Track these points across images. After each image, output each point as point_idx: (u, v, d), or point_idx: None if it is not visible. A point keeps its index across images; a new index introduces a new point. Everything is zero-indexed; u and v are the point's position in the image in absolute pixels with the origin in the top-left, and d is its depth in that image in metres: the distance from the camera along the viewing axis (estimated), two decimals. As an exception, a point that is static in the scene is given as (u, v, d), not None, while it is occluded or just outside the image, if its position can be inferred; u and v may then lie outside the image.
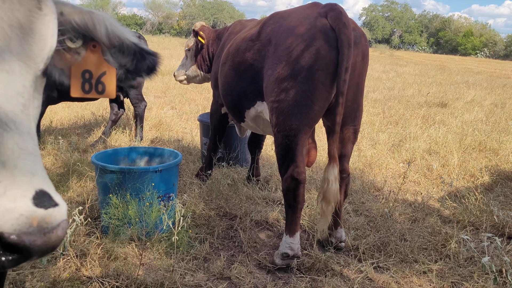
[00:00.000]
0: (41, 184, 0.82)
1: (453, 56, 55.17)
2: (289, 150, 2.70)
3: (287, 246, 2.76)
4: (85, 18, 1.30)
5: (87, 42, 1.36)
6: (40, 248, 0.80)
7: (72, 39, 1.34)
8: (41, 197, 0.80)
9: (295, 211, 2.76)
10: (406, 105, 9.46)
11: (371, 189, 4.32)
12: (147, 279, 2.47)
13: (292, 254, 2.75)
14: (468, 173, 4.80)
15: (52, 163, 4.46)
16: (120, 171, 2.96)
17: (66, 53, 1.37)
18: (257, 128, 3.43)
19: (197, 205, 3.53)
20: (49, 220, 0.80)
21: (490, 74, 22.38)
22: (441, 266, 2.87)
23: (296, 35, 2.68)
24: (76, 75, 1.40)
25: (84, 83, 1.43)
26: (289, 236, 2.77)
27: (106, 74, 1.43)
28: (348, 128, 2.85)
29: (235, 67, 3.14)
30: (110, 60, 1.42)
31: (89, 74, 1.42)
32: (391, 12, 78.45)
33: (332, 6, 2.70)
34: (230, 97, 3.29)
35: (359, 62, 2.74)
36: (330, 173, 2.63)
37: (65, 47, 1.34)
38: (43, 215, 0.79)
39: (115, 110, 5.68)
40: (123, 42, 1.39)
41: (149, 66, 1.49)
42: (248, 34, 3.13)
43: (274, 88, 2.71)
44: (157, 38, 39.94)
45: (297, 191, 2.71)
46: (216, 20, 67.11)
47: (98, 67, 1.41)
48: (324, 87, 2.62)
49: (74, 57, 1.38)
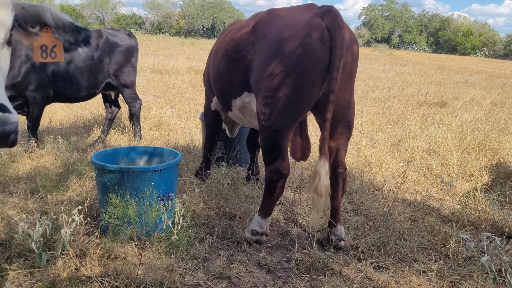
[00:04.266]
0: (1, 100, 1.48)
1: (453, 55, 55.22)
2: (276, 144, 2.87)
3: (257, 224, 3.07)
4: (37, 9, 2.03)
5: (42, 27, 2.12)
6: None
7: (32, 26, 2.08)
8: (0, 108, 1.47)
9: (272, 200, 3.03)
10: (406, 105, 9.46)
11: (370, 189, 4.32)
12: (146, 278, 2.47)
13: (261, 232, 3.07)
14: (467, 172, 4.80)
15: (52, 162, 4.45)
16: (119, 170, 2.96)
17: (30, 35, 2.12)
18: (244, 119, 3.51)
19: (197, 205, 3.53)
20: (5, 119, 1.46)
21: (489, 73, 22.40)
22: (441, 265, 2.87)
23: (291, 33, 2.75)
24: (37, 48, 2.17)
25: (42, 53, 2.20)
26: (261, 217, 3.08)
27: (56, 46, 2.21)
28: (342, 124, 2.96)
29: (227, 56, 3.22)
30: (58, 37, 2.18)
31: (45, 47, 2.19)
32: (391, 11, 78.44)
33: (328, 8, 2.79)
34: (220, 84, 3.39)
35: (349, 64, 2.83)
36: (321, 167, 2.73)
37: (28, 31, 2.09)
38: (1, 115, 1.46)
39: (109, 109, 5.68)
40: (64, 24, 2.14)
41: (84, 38, 2.25)
42: (244, 26, 3.21)
43: (267, 83, 2.81)
44: (157, 37, 39.92)
45: (279, 183, 2.95)
46: (216, 19, 67.07)
47: (50, 42, 2.18)
48: (314, 85, 2.73)
49: (34, 37, 2.14)
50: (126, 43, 5.34)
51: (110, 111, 5.69)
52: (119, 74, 5.26)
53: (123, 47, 5.29)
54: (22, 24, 2.03)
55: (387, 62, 25.99)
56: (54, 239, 2.81)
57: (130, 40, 5.44)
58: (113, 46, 5.20)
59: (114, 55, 5.19)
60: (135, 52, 5.49)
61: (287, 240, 3.21)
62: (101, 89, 5.22)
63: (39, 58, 2.18)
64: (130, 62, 5.39)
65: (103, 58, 5.06)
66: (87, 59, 4.89)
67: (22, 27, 2.04)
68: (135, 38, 5.59)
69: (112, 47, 5.19)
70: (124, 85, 5.33)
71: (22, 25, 2.04)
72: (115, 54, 5.20)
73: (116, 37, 5.29)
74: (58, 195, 3.62)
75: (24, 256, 2.67)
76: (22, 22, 2.02)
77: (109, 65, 5.14)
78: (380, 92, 11.52)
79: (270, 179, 2.95)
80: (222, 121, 4.05)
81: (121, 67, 5.25)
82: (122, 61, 5.26)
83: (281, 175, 2.92)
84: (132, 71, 5.43)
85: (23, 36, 2.09)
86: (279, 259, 2.91)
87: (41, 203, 3.44)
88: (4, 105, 1.48)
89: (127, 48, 5.33)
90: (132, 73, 5.43)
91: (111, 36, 5.24)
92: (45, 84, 4.64)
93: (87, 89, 4.99)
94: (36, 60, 2.19)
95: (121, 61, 5.25)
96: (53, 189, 3.70)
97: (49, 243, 2.79)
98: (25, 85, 4.49)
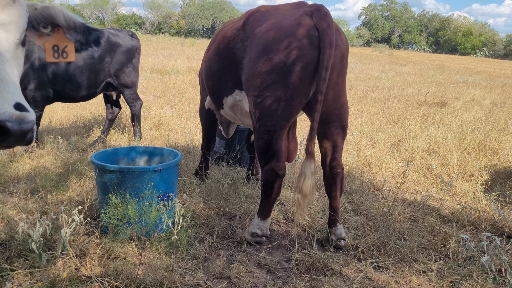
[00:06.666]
0: (19, 99, 1.50)
1: (453, 55, 55.21)
2: (270, 144, 2.85)
3: (257, 227, 3.05)
4: (50, 10, 2.09)
5: (54, 27, 2.17)
6: (16, 132, 1.45)
7: (44, 26, 2.14)
8: (18, 106, 1.48)
9: (269, 200, 3.00)
10: (406, 105, 9.46)
11: (370, 189, 4.32)
12: (146, 278, 2.47)
13: (261, 234, 3.06)
14: (467, 172, 4.80)
15: (52, 162, 4.45)
16: (119, 170, 2.95)
17: (42, 36, 2.18)
18: (235, 117, 3.50)
19: (197, 205, 3.53)
20: (22, 117, 1.47)
21: (489, 73, 22.40)
22: (441, 265, 2.87)
23: (279, 31, 2.74)
24: (49, 48, 2.23)
25: (54, 53, 2.25)
26: (260, 219, 3.05)
27: (68, 46, 2.26)
28: (335, 125, 2.94)
29: (218, 53, 3.21)
30: (69, 37, 2.23)
31: (57, 47, 2.24)
32: (391, 11, 78.46)
33: (318, 6, 2.76)
34: (211, 82, 3.38)
35: (338, 64, 2.80)
36: (307, 168, 2.73)
37: (40, 32, 2.15)
38: (19, 114, 1.46)
39: (110, 109, 5.68)
40: (76, 24, 2.19)
41: (95, 38, 2.29)
42: (235, 23, 3.21)
43: (256, 82, 2.79)
44: (157, 37, 39.90)
45: (275, 183, 2.92)
46: (216, 19, 67.04)
47: (62, 42, 2.24)
48: (303, 84, 2.71)
49: (47, 37, 2.19)
50: (128, 44, 5.34)
51: (111, 112, 5.69)
52: (119, 74, 5.26)
53: (125, 47, 5.29)
54: (34, 24, 2.10)
55: (387, 62, 25.99)
56: (54, 239, 2.81)
57: (132, 41, 5.44)
58: (115, 46, 5.20)
59: (115, 55, 5.19)
60: (137, 53, 5.50)
61: (287, 240, 3.21)
62: (102, 88, 5.22)
63: (51, 58, 2.25)
64: (132, 63, 5.39)
65: (104, 57, 5.06)
66: (87, 58, 4.89)
67: (35, 27, 2.11)
68: (137, 39, 5.59)
69: (114, 47, 5.19)
70: (124, 85, 5.33)
71: (34, 26, 2.10)
72: (116, 54, 5.20)
73: (118, 37, 5.29)
74: (58, 195, 3.62)
75: (24, 256, 2.67)
76: (34, 23, 2.09)
77: (110, 64, 5.14)
78: (380, 92, 11.52)
79: (266, 180, 2.93)
80: (216, 120, 4.04)
81: (122, 67, 5.25)
82: (123, 61, 5.26)
83: (277, 176, 2.89)
84: (133, 71, 5.43)
85: (36, 37, 2.16)
86: (279, 259, 2.91)
87: (41, 203, 3.44)
88: (21, 104, 1.49)
89: (128, 49, 5.33)
90: (133, 73, 5.43)
91: (113, 36, 5.24)
92: (45, 84, 4.63)
93: (87, 88, 4.99)
94: (49, 60, 2.25)
95: (122, 61, 5.26)
96: (53, 189, 3.70)
97: (49, 243, 2.79)
98: (25, 84, 4.49)
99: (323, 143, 3.00)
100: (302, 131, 6.70)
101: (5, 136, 1.44)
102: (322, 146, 3.02)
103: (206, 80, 3.47)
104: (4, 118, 1.43)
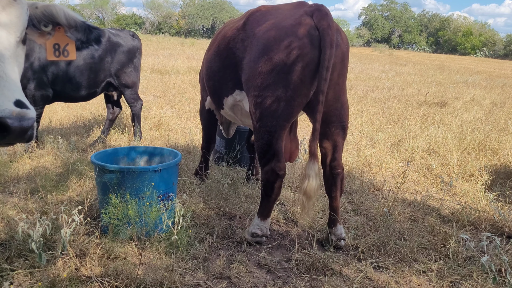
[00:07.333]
0: (19, 97, 1.51)
1: (453, 55, 55.23)
2: (270, 145, 2.84)
3: (257, 227, 3.05)
4: (51, 9, 2.09)
5: (55, 26, 2.18)
6: (16, 129, 1.45)
7: (45, 25, 2.14)
8: (19, 103, 1.48)
9: (269, 201, 3.00)
10: (406, 105, 9.46)
11: (370, 189, 4.32)
12: (146, 278, 2.47)
13: (261, 234, 3.06)
14: (467, 172, 4.80)
15: (52, 162, 4.45)
16: (119, 170, 2.95)
17: (43, 34, 2.18)
18: (236, 118, 3.49)
19: (197, 205, 3.53)
20: (23, 114, 1.46)
21: (489, 73, 22.40)
22: (441, 265, 2.87)
23: (280, 31, 2.73)
24: (50, 47, 2.24)
25: (55, 51, 2.26)
26: (260, 219, 3.06)
27: (68, 44, 2.28)
28: (336, 125, 2.93)
29: (219, 53, 3.21)
30: (70, 36, 2.25)
31: (58, 45, 2.26)
32: (391, 11, 78.48)
33: (318, 6, 2.76)
34: (212, 82, 3.38)
35: (339, 64, 2.80)
36: (310, 169, 2.73)
37: (41, 30, 2.15)
38: (19, 111, 1.46)
39: (111, 109, 5.68)
40: (77, 23, 2.20)
41: (95, 37, 2.32)
42: (235, 23, 3.21)
43: (257, 82, 2.78)
44: (156, 37, 39.91)
45: (276, 184, 2.92)
46: (216, 19, 67.05)
47: (63, 41, 2.25)
48: (304, 84, 2.70)
49: (48, 36, 2.20)
50: (129, 44, 5.35)
51: (112, 112, 5.69)
52: (120, 74, 5.26)
53: (126, 48, 5.29)
54: (35, 23, 2.11)
55: (387, 62, 26.00)
56: (54, 239, 2.81)
57: (134, 41, 5.44)
58: (115, 45, 5.20)
59: (116, 55, 5.19)
60: (138, 53, 5.50)
61: (287, 240, 3.21)
62: (102, 88, 5.22)
63: (52, 57, 2.26)
64: (133, 63, 5.39)
65: (104, 57, 5.06)
66: (87, 58, 4.89)
67: (36, 26, 2.12)
68: (138, 39, 5.60)
69: (114, 46, 5.19)
70: (125, 85, 5.33)
71: (35, 24, 2.11)
72: (117, 54, 5.20)
73: (119, 37, 5.29)
74: (58, 195, 3.62)
75: (24, 256, 2.67)
76: (35, 21, 2.10)
77: (110, 64, 5.14)
78: (380, 92, 11.52)
79: (267, 180, 2.92)
80: (217, 120, 4.04)
81: (122, 67, 5.26)
82: (124, 61, 5.26)
83: (277, 176, 2.89)
84: (134, 71, 5.43)
85: (37, 35, 2.17)
86: (279, 259, 2.91)
87: (41, 203, 3.44)
88: (21, 101, 1.50)
89: (129, 49, 5.34)
90: (134, 73, 5.43)
91: (114, 36, 5.25)
92: (45, 83, 4.63)
93: (87, 88, 4.99)
94: (50, 58, 2.27)
95: (123, 61, 5.26)
96: (53, 189, 3.70)
97: (49, 243, 2.79)
98: (24, 84, 4.49)
99: (323, 143, 3.00)
100: (302, 131, 6.70)
101: (5, 133, 1.45)
102: (322, 146, 3.02)
103: (207, 80, 3.47)
104: (4, 115, 1.43)
